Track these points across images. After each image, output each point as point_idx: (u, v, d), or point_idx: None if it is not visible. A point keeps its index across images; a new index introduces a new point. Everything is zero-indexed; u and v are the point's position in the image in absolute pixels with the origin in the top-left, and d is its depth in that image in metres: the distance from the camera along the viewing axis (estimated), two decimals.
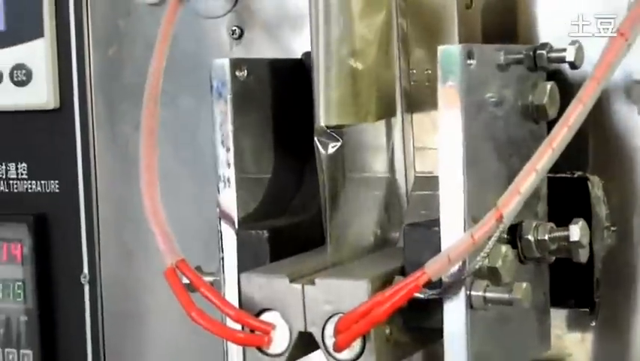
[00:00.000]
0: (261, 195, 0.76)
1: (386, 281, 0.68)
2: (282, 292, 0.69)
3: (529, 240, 0.71)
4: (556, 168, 0.68)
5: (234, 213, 0.74)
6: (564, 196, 0.77)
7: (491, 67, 0.70)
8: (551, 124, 0.68)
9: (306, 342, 0.69)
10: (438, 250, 0.66)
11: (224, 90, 0.74)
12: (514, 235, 0.71)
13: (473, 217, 0.66)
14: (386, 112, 0.76)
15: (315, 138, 0.72)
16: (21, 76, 0.99)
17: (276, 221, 0.76)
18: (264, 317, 0.70)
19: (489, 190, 0.68)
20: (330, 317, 0.67)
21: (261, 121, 0.77)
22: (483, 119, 0.69)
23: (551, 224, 0.72)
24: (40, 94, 0.99)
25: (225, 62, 0.74)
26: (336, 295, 0.67)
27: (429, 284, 0.64)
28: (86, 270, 0.99)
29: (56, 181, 1.00)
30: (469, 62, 0.66)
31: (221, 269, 0.74)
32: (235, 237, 0.74)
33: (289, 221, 0.76)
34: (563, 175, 0.78)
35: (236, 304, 0.71)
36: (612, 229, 0.78)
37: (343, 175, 0.74)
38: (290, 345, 0.69)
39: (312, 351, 0.70)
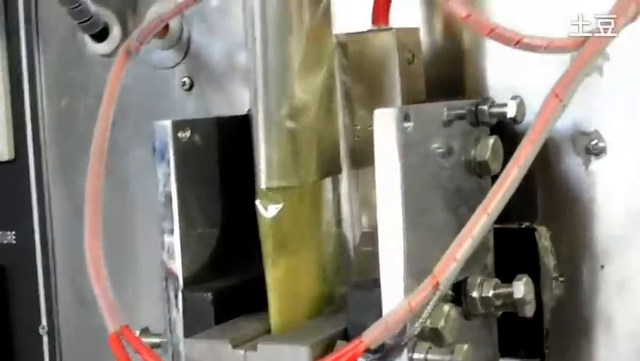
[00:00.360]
0: (207, 255, 0.76)
1: (329, 345, 0.68)
2: (225, 358, 0.69)
3: (474, 297, 0.71)
4: (504, 218, 0.67)
5: (179, 274, 0.74)
6: (512, 247, 0.77)
7: (435, 123, 0.70)
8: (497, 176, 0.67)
9: None
10: (380, 312, 0.66)
11: (167, 152, 0.73)
12: (458, 291, 0.71)
13: (419, 272, 0.65)
14: (329, 170, 0.76)
15: (257, 201, 0.72)
16: None
17: (221, 281, 0.75)
18: None
19: (437, 241, 0.67)
20: None
21: (207, 179, 0.77)
22: (429, 171, 0.68)
23: (496, 280, 0.72)
24: None
25: (167, 124, 0.74)
26: None
27: (368, 352, 0.64)
28: (44, 321, 0.99)
29: (13, 232, 1.00)
30: (405, 124, 0.66)
31: (168, 330, 0.74)
32: (181, 297, 0.74)
33: (235, 281, 0.76)
34: (510, 226, 0.78)
35: None
36: (560, 279, 0.78)
37: (288, 234, 0.73)
38: None
39: None
